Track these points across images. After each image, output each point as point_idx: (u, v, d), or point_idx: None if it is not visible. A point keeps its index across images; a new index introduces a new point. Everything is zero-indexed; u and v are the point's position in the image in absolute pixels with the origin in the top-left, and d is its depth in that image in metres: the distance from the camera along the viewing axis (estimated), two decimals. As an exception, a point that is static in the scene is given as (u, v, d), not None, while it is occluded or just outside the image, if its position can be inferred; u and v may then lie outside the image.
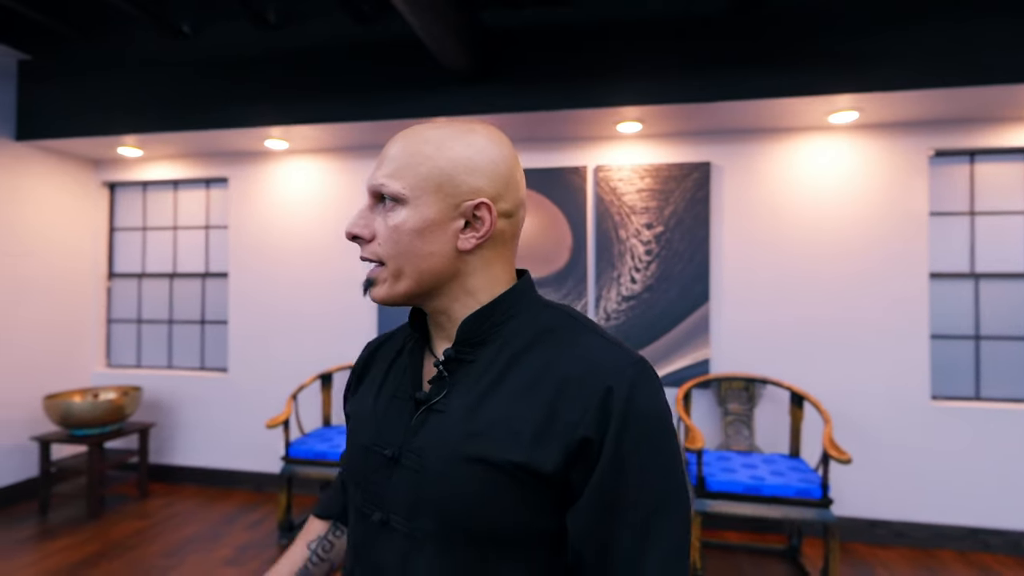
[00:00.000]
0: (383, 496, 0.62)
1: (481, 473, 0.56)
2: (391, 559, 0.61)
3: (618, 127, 3.11)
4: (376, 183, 0.62)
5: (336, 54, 3.07)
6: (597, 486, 0.55)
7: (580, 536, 0.56)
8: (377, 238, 0.63)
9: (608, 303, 3.26)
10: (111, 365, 4.07)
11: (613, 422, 0.55)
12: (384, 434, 0.65)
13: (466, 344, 0.63)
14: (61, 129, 3.42)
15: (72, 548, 2.86)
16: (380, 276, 0.64)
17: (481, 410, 0.59)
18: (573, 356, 0.59)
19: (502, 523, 0.56)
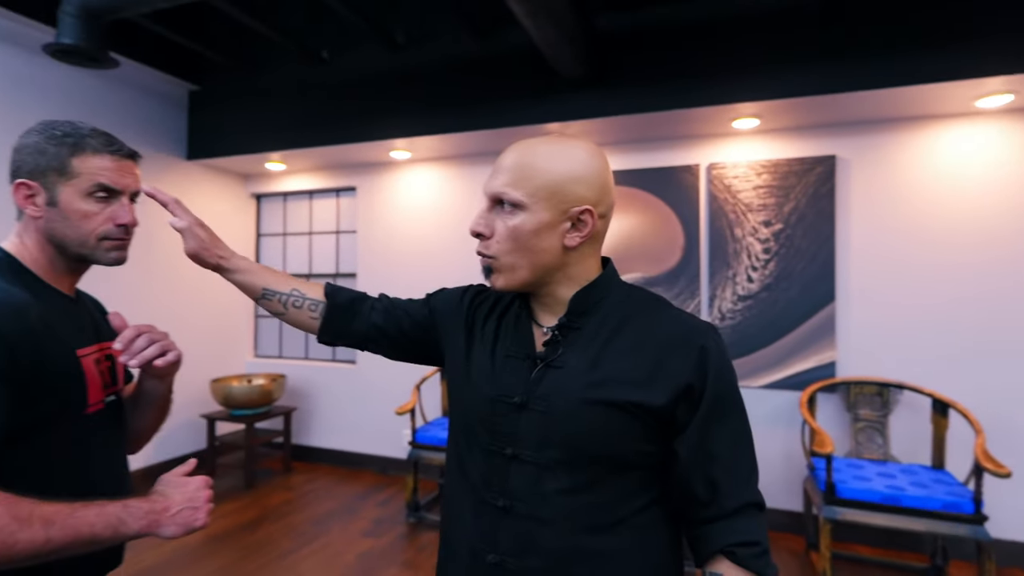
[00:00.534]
0: (514, 435, 0.77)
1: (603, 412, 0.73)
2: (523, 484, 0.76)
3: (734, 124, 3.05)
4: (498, 190, 0.77)
5: (456, 68, 3.28)
6: (703, 418, 0.73)
7: (688, 457, 0.74)
8: (495, 236, 0.78)
9: (723, 302, 3.20)
10: (259, 355, 4.61)
11: (710, 371, 0.73)
12: (507, 386, 0.80)
13: (575, 315, 0.80)
14: (220, 149, 3.94)
15: (236, 512, 3.31)
16: (497, 266, 0.78)
17: (599, 365, 0.76)
18: (668, 322, 0.78)
19: (615, 448, 0.74)
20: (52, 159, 0.85)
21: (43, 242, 0.88)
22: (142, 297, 3.70)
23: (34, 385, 0.77)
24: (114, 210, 0.89)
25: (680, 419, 0.74)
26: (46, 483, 0.78)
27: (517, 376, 0.80)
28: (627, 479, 0.75)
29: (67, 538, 0.72)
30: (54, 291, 0.89)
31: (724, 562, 0.73)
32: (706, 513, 0.74)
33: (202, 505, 0.85)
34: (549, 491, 0.74)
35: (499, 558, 0.76)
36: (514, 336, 0.84)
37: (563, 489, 0.74)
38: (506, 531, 0.76)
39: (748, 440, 0.77)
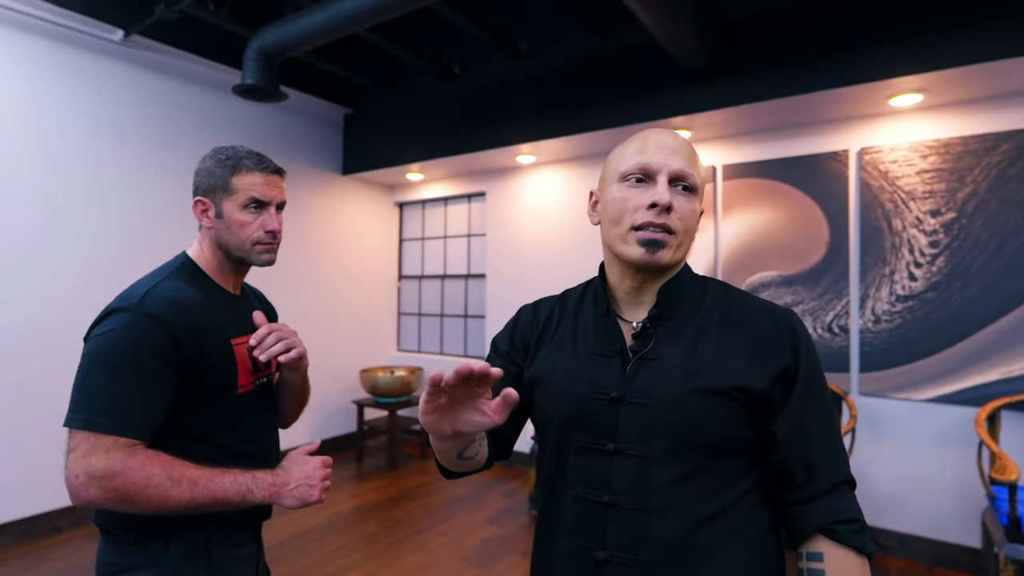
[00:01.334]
0: (614, 430, 0.77)
1: (709, 399, 0.73)
2: (628, 478, 0.75)
3: (890, 102, 2.70)
4: (686, 171, 0.77)
5: (577, 71, 3.32)
6: (797, 399, 0.75)
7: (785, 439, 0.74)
8: (677, 211, 0.77)
9: (878, 303, 2.85)
10: (400, 349, 5.06)
11: (801, 353, 0.76)
12: (598, 383, 0.79)
13: (664, 307, 0.81)
14: (368, 163, 4.40)
15: (379, 489, 3.67)
16: (670, 242, 0.77)
17: (696, 353, 0.77)
18: (755, 309, 0.79)
19: (722, 434, 0.74)
20: (219, 179, 1.04)
21: (214, 248, 1.08)
22: (302, 299, 4.27)
23: (196, 369, 0.96)
24: (263, 219, 1.06)
25: (776, 401, 0.75)
26: (203, 447, 0.98)
27: (609, 372, 0.79)
28: (730, 465, 0.76)
29: (206, 498, 0.89)
30: (221, 289, 1.09)
31: (823, 540, 0.72)
32: (802, 494, 0.74)
33: (317, 483, 0.98)
34: (656, 483, 0.74)
35: (608, 554, 0.75)
36: (596, 334, 0.84)
37: (670, 480, 0.74)
38: (614, 527, 0.75)
39: (836, 419, 0.78)
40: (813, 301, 3.02)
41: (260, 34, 2.80)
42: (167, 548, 0.94)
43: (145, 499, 0.86)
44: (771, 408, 0.76)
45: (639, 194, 0.77)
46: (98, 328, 0.93)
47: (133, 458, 0.86)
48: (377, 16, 2.41)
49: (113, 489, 0.84)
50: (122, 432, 0.87)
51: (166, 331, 0.92)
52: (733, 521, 0.75)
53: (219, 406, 1.01)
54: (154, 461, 0.88)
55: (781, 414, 0.75)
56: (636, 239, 0.77)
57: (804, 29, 2.63)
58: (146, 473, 0.86)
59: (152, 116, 3.35)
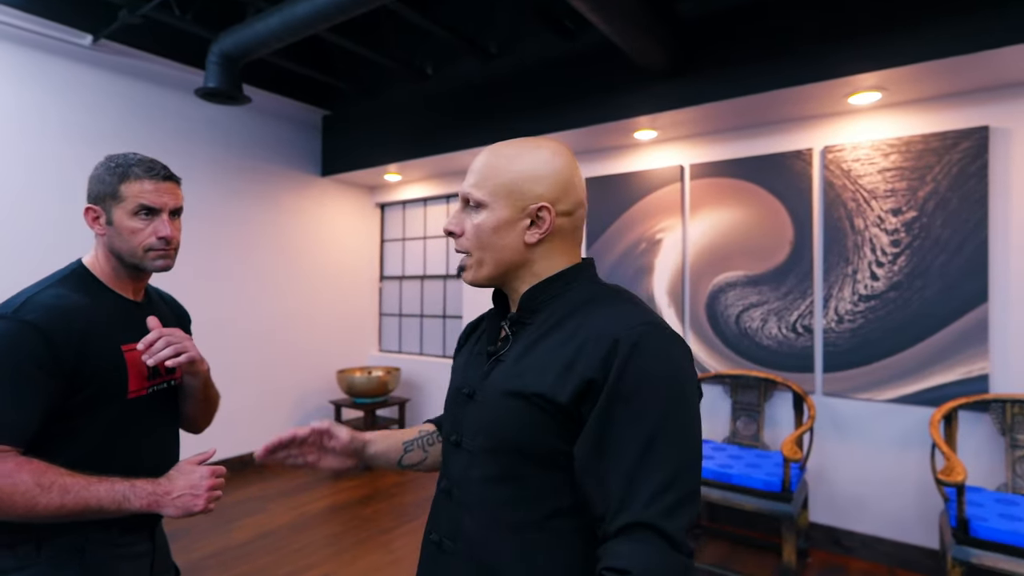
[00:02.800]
0: (460, 423, 0.82)
1: (514, 402, 0.74)
2: (458, 469, 0.80)
3: (850, 100, 2.69)
4: (464, 191, 0.81)
5: (543, 72, 3.32)
6: (595, 420, 0.68)
7: (581, 462, 0.69)
8: (465, 234, 0.81)
9: (840, 303, 2.83)
10: (382, 350, 5.08)
11: (615, 367, 0.67)
12: (467, 380, 0.84)
13: (526, 310, 0.81)
14: (347, 164, 4.42)
15: (352, 489, 3.69)
16: (468, 263, 0.82)
17: (525, 359, 0.76)
18: (600, 317, 0.73)
19: (528, 440, 0.72)
20: (108, 186, 1.05)
21: (108, 255, 1.09)
22: (283, 300, 4.30)
23: (78, 375, 0.96)
24: (155, 225, 1.07)
25: (584, 417, 0.70)
26: (91, 453, 0.98)
27: (477, 370, 0.83)
28: (546, 479, 0.73)
29: (78, 506, 0.90)
30: (116, 296, 1.10)
31: None
32: (600, 529, 0.67)
33: (202, 493, 0.98)
34: (474, 478, 0.77)
35: (438, 537, 0.81)
36: (486, 334, 0.88)
37: (484, 477, 0.76)
38: (444, 514, 0.81)
39: (667, 450, 0.64)
40: (778, 301, 3.01)
41: (220, 38, 2.83)
42: (39, 550, 0.95)
43: (11, 506, 0.87)
44: (580, 425, 0.70)
45: None
46: None
47: (2, 464, 0.87)
48: (329, 19, 2.42)
49: None
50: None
51: (42, 338, 0.93)
52: (545, 537, 0.71)
53: (108, 411, 1.02)
54: (24, 468, 0.88)
55: (581, 434, 0.69)
56: None
57: (761, 27, 2.62)
58: (13, 480, 0.87)
59: (123, 119, 3.39)
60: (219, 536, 2.96)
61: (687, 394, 0.68)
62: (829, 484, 2.85)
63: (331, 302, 4.69)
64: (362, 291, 5.00)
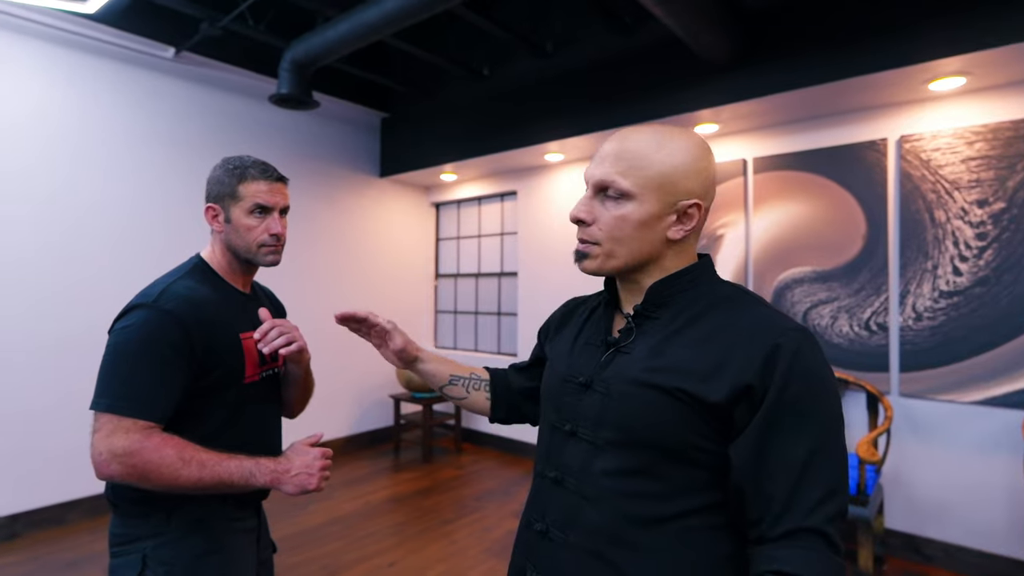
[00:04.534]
0: (575, 412, 0.80)
1: (654, 396, 0.71)
2: (575, 460, 0.78)
3: (930, 86, 2.56)
4: (604, 178, 0.75)
5: (601, 68, 3.31)
6: (759, 426, 0.66)
7: (740, 466, 0.67)
8: (597, 223, 0.77)
9: (919, 300, 2.70)
10: (438, 346, 5.18)
11: (778, 375, 0.66)
12: (577, 368, 0.83)
13: (652, 304, 0.78)
14: (404, 165, 4.54)
15: (413, 481, 3.79)
16: (593, 252, 0.78)
17: (661, 352, 0.74)
18: (746, 318, 0.72)
19: (665, 436, 0.70)
20: (227, 187, 1.14)
21: (224, 250, 1.18)
22: (343, 299, 4.46)
23: (207, 360, 1.06)
24: (267, 223, 1.15)
25: (738, 421, 0.68)
26: (212, 433, 1.07)
27: (590, 360, 0.82)
28: (682, 475, 0.71)
29: (213, 479, 0.98)
30: (231, 288, 1.19)
31: None
32: (755, 532, 0.67)
33: (316, 472, 1.05)
34: (597, 470, 0.75)
35: (544, 526, 0.79)
36: (595, 324, 0.87)
37: (611, 470, 0.73)
38: (554, 502, 0.79)
39: (827, 464, 0.65)
40: (849, 298, 2.90)
41: (292, 46, 2.96)
42: (169, 520, 1.04)
43: (159, 477, 0.95)
44: (733, 427, 0.69)
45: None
46: (120, 322, 1.03)
47: (149, 439, 0.96)
48: (396, 23, 2.50)
49: (132, 466, 0.94)
50: (140, 415, 0.97)
51: (180, 326, 1.02)
52: (673, 535, 0.70)
53: (228, 394, 1.11)
54: (168, 443, 0.97)
55: (740, 437, 0.68)
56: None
57: (832, 13, 2.53)
58: (160, 453, 0.95)
59: (202, 126, 3.60)
60: (292, 520, 3.11)
61: (839, 403, 0.69)
62: (907, 489, 2.73)
63: (389, 299, 4.82)
64: (418, 288, 5.12)
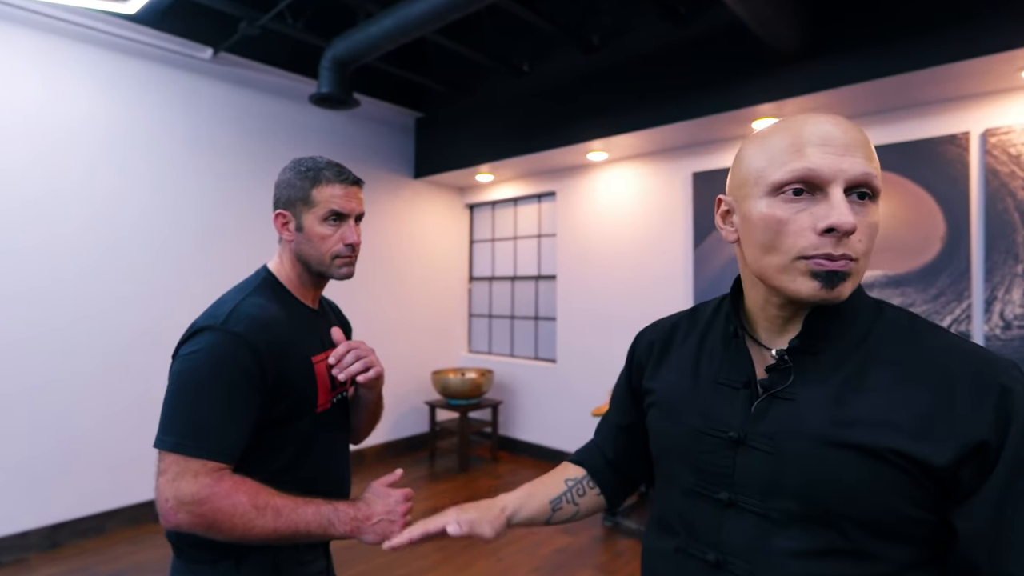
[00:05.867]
0: (730, 477, 0.65)
1: (854, 458, 0.57)
2: (742, 538, 0.63)
3: (1022, 73, 2.34)
4: (864, 173, 0.58)
5: (651, 60, 3.15)
6: (999, 486, 0.54)
7: (973, 538, 0.56)
8: (859, 232, 0.59)
9: (1008, 307, 2.49)
10: (471, 351, 5.07)
11: (1014, 424, 0.54)
12: (716, 417, 0.68)
13: (813, 337, 0.64)
14: (439, 166, 4.43)
15: (451, 492, 3.68)
16: (853, 270, 0.60)
17: (847, 400, 0.60)
18: (950, 353, 0.59)
19: (868, 507, 0.57)
20: (299, 191, 1.02)
21: (294, 261, 1.05)
22: (375, 303, 4.37)
23: (278, 388, 0.93)
24: (343, 232, 1.03)
25: (965, 483, 0.55)
26: (282, 469, 0.95)
27: (732, 406, 0.67)
28: (891, 553, 0.58)
29: (289, 529, 0.86)
30: (300, 304, 1.06)
31: None
32: None
33: (398, 519, 0.93)
34: (778, 551, 0.60)
35: None
36: (724, 359, 0.71)
37: (798, 551, 0.59)
38: None
39: None
40: (926, 304, 2.69)
41: (333, 44, 2.87)
42: (238, 568, 0.92)
43: (231, 527, 0.84)
44: (956, 491, 0.56)
45: (804, 214, 0.59)
46: (186, 347, 0.92)
47: (220, 484, 0.85)
48: (443, 18, 2.38)
49: (200, 515, 0.83)
50: (210, 456, 0.85)
51: (251, 351, 0.90)
52: None
53: (299, 425, 0.99)
54: (240, 488, 0.86)
55: (969, 503, 0.56)
56: (807, 270, 0.59)
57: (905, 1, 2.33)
58: (232, 501, 0.84)
59: (239, 129, 3.53)
60: (331, 534, 3.02)
61: None
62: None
63: (422, 303, 4.72)
64: (452, 292, 5.01)
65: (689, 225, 3.57)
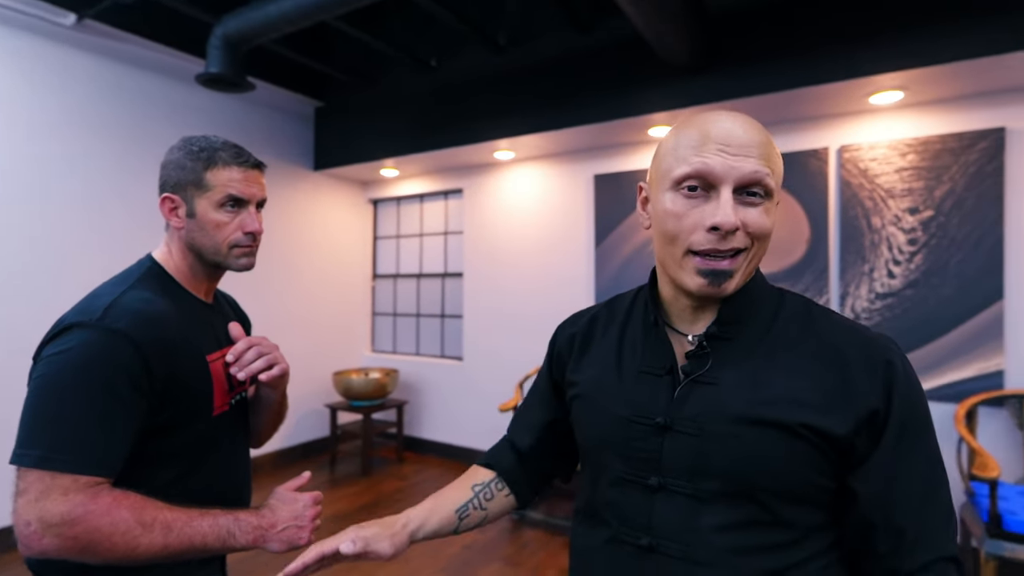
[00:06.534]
0: (657, 462, 0.67)
1: (771, 435, 0.62)
2: (672, 519, 0.65)
3: (871, 99, 2.70)
4: (759, 174, 0.62)
5: (557, 65, 3.25)
6: (887, 450, 0.62)
7: (869, 498, 0.62)
8: (745, 229, 0.63)
9: (857, 301, 2.85)
10: (375, 351, 4.92)
11: (897, 395, 0.62)
12: (642, 405, 0.69)
13: (726, 323, 0.69)
14: (341, 159, 4.25)
15: (353, 496, 3.55)
16: (738, 266, 0.64)
17: (763, 381, 0.64)
18: (841, 333, 0.66)
19: (786, 479, 0.62)
20: (190, 173, 0.92)
21: (184, 251, 0.95)
22: (273, 300, 4.11)
23: (168, 392, 0.84)
24: (242, 219, 0.94)
25: (860, 450, 0.62)
26: (175, 480, 0.86)
27: (656, 393, 0.69)
28: (802, 518, 0.63)
29: (182, 545, 0.78)
30: (192, 298, 0.97)
31: None
32: (884, 566, 0.62)
33: (307, 524, 0.88)
34: (707, 527, 0.64)
35: None
36: (646, 348, 0.73)
37: (725, 525, 0.63)
38: (653, 575, 0.66)
39: (942, 478, 0.63)
40: (794, 299, 3.01)
41: (224, 20, 2.65)
42: None
43: (110, 548, 0.74)
44: (853, 457, 0.63)
45: (696, 210, 0.63)
46: (52, 347, 0.80)
47: (96, 501, 0.74)
48: (346, 3, 2.29)
49: (72, 538, 0.72)
50: (83, 470, 0.75)
51: (135, 350, 0.80)
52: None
53: (192, 430, 0.90)
54: (122, 503, 0.76)
55: (864, 467, 0.62)
56: (694, 267, 0.64)
57: (786, 25, 2.60)
58: (112, 518, 0.74)
59: (108, 106, 3.16)
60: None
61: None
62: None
63: (322, 301, 4.51)
64: (355, 289, 4.83)
65: (591, 225, 3.72)
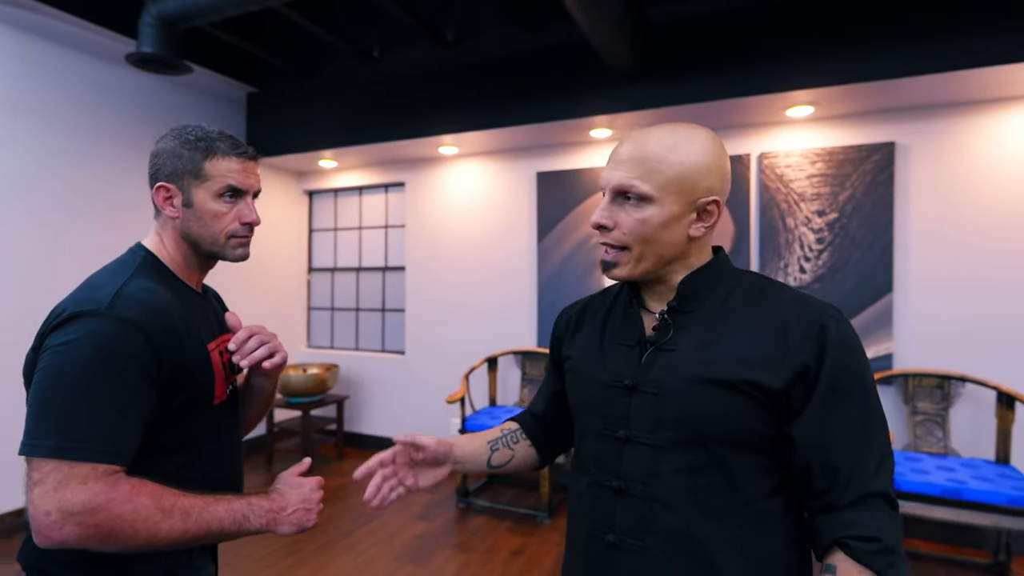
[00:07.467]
0: (626, 418, 0.80)
1: (716, 391, 0.73)
2: (637, 465, 0.78)
3: (787, 112, 3.01)
4: (626, 183, 0.77)
5: (503, 64, 3.33)
6: (819, 403, 0.72)
7: (805, 443, 0.72)
8: (620, 228, 0.79)
9: (774, 294, 3.17)
10: (311, 346, 4.80)
11: (830, 354, 0.72)
12: (615, 371, 0.82)
13: (685, 299, 0.81)
14: (275, 148, 4.10)
15: (296, 494, 3.47)
16: (622, 259, 0.80)
17: (711, 345, 0.76)
18: (786, 303, 0.76)
19: (731, 429, 0.73)
20: (187, 162, 0.91)
21: (179, 241, 0.95)
22: (207, 290, 3.91)
23: (175, 381, 0.85)
24: (240, 209, 0.95)
25: (796, 401, 0.72)
26: (177, 466, 0.87)
27: (627, 361, 0.82)
28: (748, 462, 0.74)
29: (200, 530, 0.80)
30: (186, 287, 0.96)
31: (839, 554, 0.70)
32: (821, 503, 0.72)
33: (314, 507, 0.92)
34: (664, 471, 0.75)
35: (617, 538, 0.78)
36: (623, 324, 0.86)
37: (679, 469, 0.75)
38: (623, 512, 0.78)
39: (877, 428, 0.72)
40: (720, 292, 3.29)
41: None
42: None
43: (132, 535, 0.75)
44: (790, 408, 0.73)
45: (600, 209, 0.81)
46: (57, 336, 0.78)
47: (116, 488, 0.74)
48: (302, -10, 2.24)
49: (94, 526, 0.72)
50: (101, 458, 0.75)
51: (146, 339, 0.80)
52: (750, 520, 0.74)
53: (195, 420, 0.90)
54: (141, 491, 0.76)
55: (801, 416, 0.73)
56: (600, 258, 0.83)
57: (717, 41, 2.84)
58: (133, 505, 0.75)
59: (23, 83, 2.88)
60: (157, 556, 2.66)
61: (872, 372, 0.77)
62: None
63: (255, 295, 4.34)
64: (289, 283, 4.68)
65: (534, 220, 3.84)
